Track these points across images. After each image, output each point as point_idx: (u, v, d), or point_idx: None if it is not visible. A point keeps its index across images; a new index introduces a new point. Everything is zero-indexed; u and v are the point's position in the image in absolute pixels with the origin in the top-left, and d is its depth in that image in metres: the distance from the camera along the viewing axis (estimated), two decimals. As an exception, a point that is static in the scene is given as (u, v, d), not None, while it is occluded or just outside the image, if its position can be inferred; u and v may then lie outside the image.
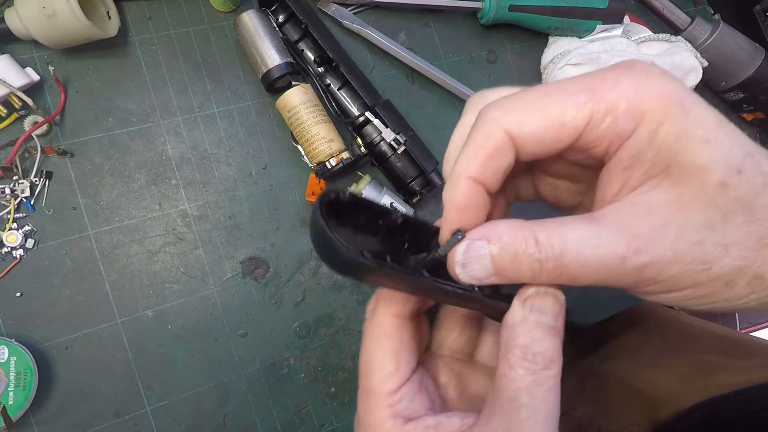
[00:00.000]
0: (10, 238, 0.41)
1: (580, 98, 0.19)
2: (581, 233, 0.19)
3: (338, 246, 0.18)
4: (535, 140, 0.20)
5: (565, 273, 0.19)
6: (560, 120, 0.19)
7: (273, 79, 0.46)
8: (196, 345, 0.45)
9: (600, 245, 0.19)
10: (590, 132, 0.19)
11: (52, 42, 0.42)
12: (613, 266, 0.19)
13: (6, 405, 0.38)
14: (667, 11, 0.60)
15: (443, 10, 0.56)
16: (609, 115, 0.19)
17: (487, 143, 0.20)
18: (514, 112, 0.20)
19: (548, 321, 0.22)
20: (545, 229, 0.19)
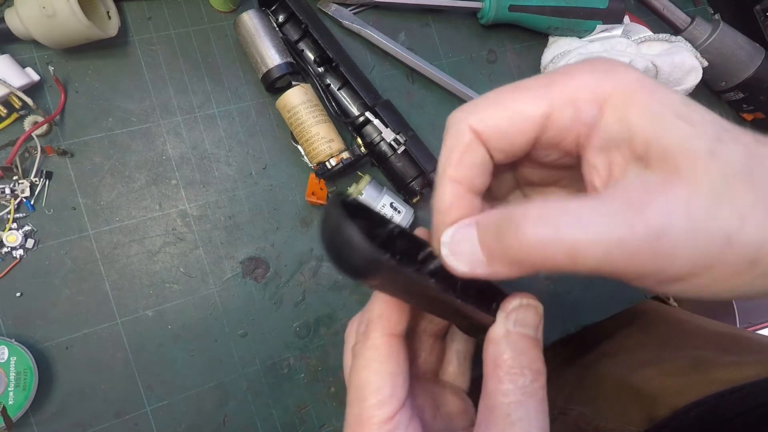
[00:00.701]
0: (10, 238, 0.41)
1: (538, 91, 0.20)
2: (579, 204, 0.18)
3: (358, 241, 0.18)
4: (500, 134, 0.21)
5: (562, 251, 0.17)
6: (520, 112, 0.20)
7: (273, 79, 0.46)
8: (196, 345, 0.45)
9: (605, 214, 0.17)
10: (553, 124, 0.20)
11: (52, 42, 0.42)
12: (623, 238, 0.17)
13: (6, 405, 0.38)
14: (667, 11, 0.60)
15: (443, 10, 0.56)
16: (569, 104, 0.19)
17: (457, 143, 0.21)
18: (477, 111, 0.21)
19: (531, 333, 0.22)
20: (537, 205, 0.18)
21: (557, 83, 0.20)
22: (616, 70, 0.19)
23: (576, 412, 0.47)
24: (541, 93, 0.20)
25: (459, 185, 0.21)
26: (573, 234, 0.17)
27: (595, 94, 0.19)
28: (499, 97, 0.21)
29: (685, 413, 0.38)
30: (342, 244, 0.19)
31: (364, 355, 0.24)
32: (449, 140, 0.22)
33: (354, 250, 0.18)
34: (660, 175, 0.18)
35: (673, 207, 0.17)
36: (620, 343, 0.50)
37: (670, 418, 0.39)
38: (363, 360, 0.24)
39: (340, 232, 0.18)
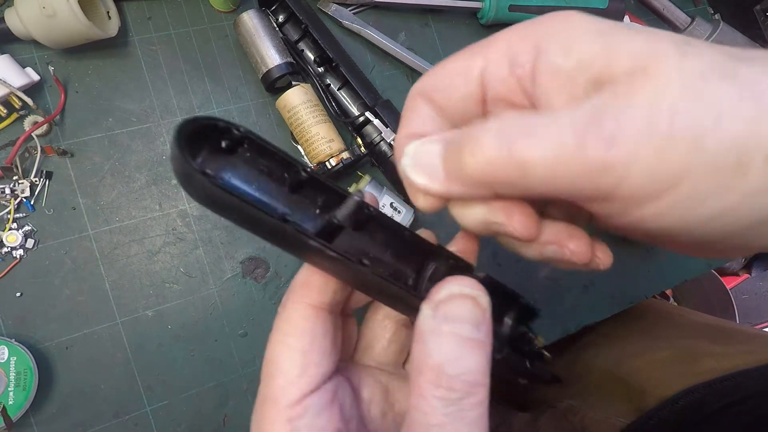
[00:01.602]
0: (10, 238, 0.41)
1: (473, 49, 0.21)
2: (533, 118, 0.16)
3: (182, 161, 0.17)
4: (440, 92, 0.21)
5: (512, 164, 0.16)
6: (454, 69, 0.21)
7: (273, 79, 0.46)
8: (196, 345, 0.45)
9: (556, 126, 0.15)
10: (493, 78, 0.20)
11: (52, 42, 0.42)
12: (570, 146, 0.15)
13: (6, 405, 0.38)
14: (667, 11, 0.60)
15: (443, 10, 0.56)
16: (503, 57, 0.19)
17: (406, 107, 0.22)
18: (422, 78, 0.22)
19: (468, 332, 0.17)
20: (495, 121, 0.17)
21: (493, 39, 0.20)
22: (550, 16, 0.19)
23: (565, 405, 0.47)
24: (476, 50, 0.20)
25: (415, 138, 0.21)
26: (522, 145, 0.15)
27: (527, 38, 0.19)
28: (442, 62, 0.22)
29: (672, 403, 0.38)
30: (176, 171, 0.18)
31: (277, 326, 0.21)
32: (405, 106, 0.22)
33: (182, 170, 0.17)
34: (623, 86, 0.15)
35: (631, 111, 0.14)
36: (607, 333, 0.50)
37: (658, 408, 0.39)
38: (276, 333, 0.21)
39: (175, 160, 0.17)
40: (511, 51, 0.19)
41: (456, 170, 0.17)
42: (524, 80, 0.19)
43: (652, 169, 0.14)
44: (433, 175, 0.18)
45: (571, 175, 0.15)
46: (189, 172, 0.17)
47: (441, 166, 0.18)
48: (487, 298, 0.18)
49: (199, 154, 0.19)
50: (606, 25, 0.17)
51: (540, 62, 0.18)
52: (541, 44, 0.18)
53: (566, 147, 0.15)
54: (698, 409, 0.37)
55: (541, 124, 0.16)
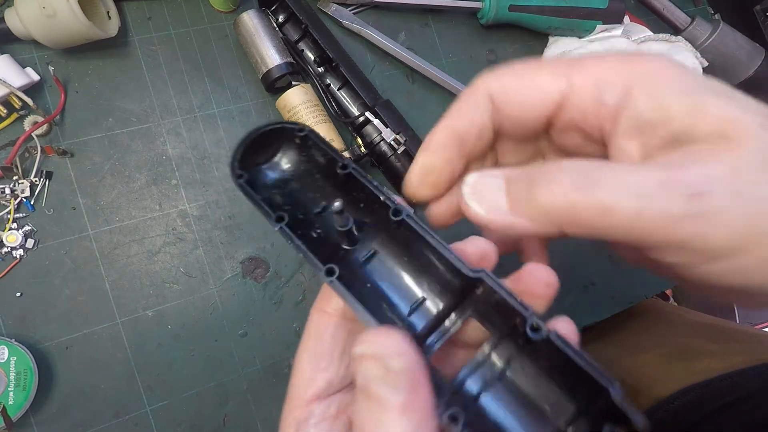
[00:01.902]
0: (10, 238, 0.41)
1: (559, 68, 0.20)
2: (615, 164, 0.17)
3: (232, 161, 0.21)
4: (514, 102, 0.20)
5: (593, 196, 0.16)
6: (537, 85, 0.20)
7: (273, 79, 0.46)
8: (196, 345, 0.45)
9: (641, 173, 0.16)
10: (573, 104, 0.19)
11: (52, 42, 0.42)
12: (657, 190, 0.15)
13: (6, 405, 0.38)
14: (667, 11, 0.60)
15: (443, 10, 0.56)
16: (592, 86, 0.19)
17: (468, 96, 0.21)
18: (497, 77, 0.21)
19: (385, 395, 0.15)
20: (572, 161, 0.17)
21: (581, 65, 0.19)
22: (644, 56, 0.18)
23: None
24: (563, 71, 0.19)
25: (452, 134, 0.21)
26: (606, 189, 0.16)
27: (621, 77, 0.18)
28: (521, 68, 0.21)
29: (668, 403, 0.37)
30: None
31: (306, 327, 0.22)
32: (462, 95, 0.21)
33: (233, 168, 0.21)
34: (705, 146, 0.16)
35: (718, 168, 0.15)
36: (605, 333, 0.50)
37: (653, 408, 0.38)
38: (304, 332, 0.22)
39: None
40: (601, 84, 0.19)
41: (525, 206, 0.18)
42: (605, 118, 0.19)
43: (736, 226, 0.15)
44: (494, 207, 0.19)
45: (653, 224, 0.16)
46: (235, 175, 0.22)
47: (505, 200, 0.18)
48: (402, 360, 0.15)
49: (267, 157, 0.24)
50: (695, 84, 0.17)
51: (627, 106, 0.18)
52: (632, 87, 0.18)
53: (653, 196, 0.15)
54: (695, 409, 0.36)
55: (628, 171, 0.16)
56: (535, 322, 0.17)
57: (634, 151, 0.19)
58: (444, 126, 0.21)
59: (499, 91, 0.21)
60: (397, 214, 0.20)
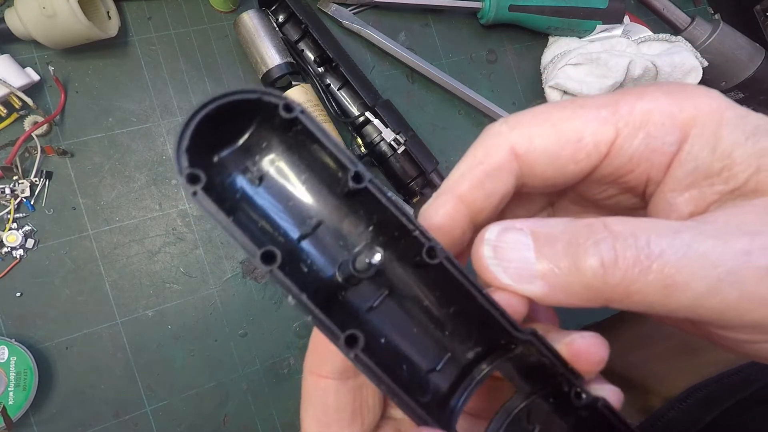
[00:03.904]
0: (10, 238, 0.41)
1: (601, 112, 0.16)
2: (673, 224, 0.14)
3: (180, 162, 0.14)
4: (548, 159, 0.16)
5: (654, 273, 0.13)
6: (578, 135, 0.16)
7: (273, 79, 0.46)
8: (196, 345, 0.45)
9: (706, 238, 0.13)
10: (619, 152, 0.16)
11: (52, 42, 0.42)
12: (734, 266, 0.13)
13: (6, 405, 0.38)
14: (667, 11, 0.60)
15: (443, 10, 0.56)
16: (641, 130, 0.16)
17: (486, 159, 0.17)
18: (523, 126, 0.17)
19: None
20: (618, 218, 0.14)
21: (625, 103, 0.16)
22: (695, 92, 0.16)
23: None
24: (606, 114, 0.16)
25: (464, 209, 0.17)
26: (672, 262, 0.13)
27: (673, 118, 0.15)
28: (554, 114, 0.17)
29: (680, 402, 0.37)
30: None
31: (302, 390, 0.19)
32: (478, 151, 0.17)
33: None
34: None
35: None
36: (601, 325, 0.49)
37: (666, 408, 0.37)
38: (302, 396, 0.19)
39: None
40: (653, 128, 0.16)
41: (564, 277, 0.14)
42: (655, 167, 0.16)
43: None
44: (522, 274, 0.15)
45: (729, 304, 0.13)
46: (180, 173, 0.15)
47: (536, 265, 0.15)
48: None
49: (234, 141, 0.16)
50: (757, 125, 0.15)
51: (681, 153, 0.15)
52: (689, 130, 0.15)
53: (731, 272, 0.13)
54: (709, 406, 0.35)
55: (697, 238, 0.13)
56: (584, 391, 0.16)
57: (684, 207, 0.16)
58: (454, 196, 0.17)
59: (528, 147, 0.16)
60: (432, 255, 0.15)
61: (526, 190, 0.18)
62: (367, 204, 0.16)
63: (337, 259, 0.17)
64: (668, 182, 0.16)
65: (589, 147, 0.16)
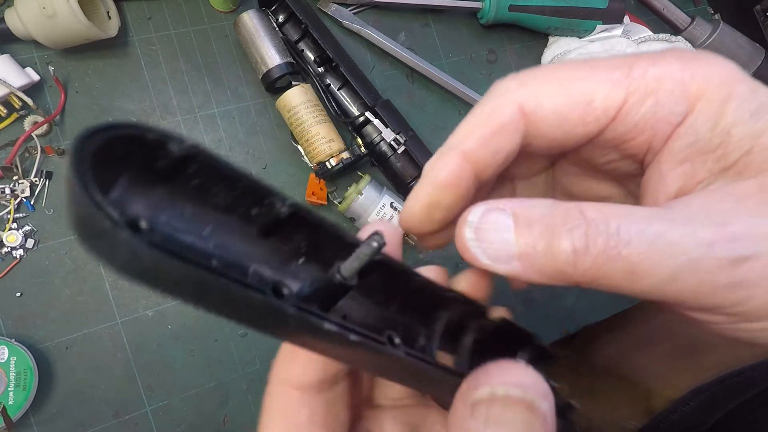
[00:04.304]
0: (10, 238, 0.41)
1: (614, 74, 0.16)
2: (647, 212, 0.14)
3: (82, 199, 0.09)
4: (556, 120, 0.16)
5: (621, 261, 0.13)
6: (588, 97, 0.16)
7: (273, 79, 0.46)
8: (196, 345, 0.45)
9: (675, 227, 0.13)
10: (626, 117, 0.16)
11: (52, 42, 0.42)
12: (696, 255, 0.13)
13: (6, 405, 0.38)
14: (667, 11, 0.60)
15: (443, 10, 0.56)
16: (650, 96, 0.15)
17: (494, 116, 0.16)
18: (533, 84, 0.16)
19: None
20: (595, 204, 0.14)
21: (638, 66, 0.15)
22: (709, 59, 0.15)
23: None
24: (619, 76, 0.15)
25: (469, 167, 0.17)
26: (638, 250, 0.13)
27: (684, 86, 0.15)
28: (565, 73, 0.16)
29: (683, 404, 0.37)
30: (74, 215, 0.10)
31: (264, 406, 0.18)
32: (486, 108, 0.17)
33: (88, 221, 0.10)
34: (753, 186, 0.14)
35: (761, 228, 0.13)
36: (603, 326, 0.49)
37: (669, 411, 0.38)
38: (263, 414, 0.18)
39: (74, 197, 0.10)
40: (662, 93, 0.15)
41: (538, 260, 0.14)
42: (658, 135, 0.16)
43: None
44: (500, 254, 0.15)
45: (688, 290, 0.13)
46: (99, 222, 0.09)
47: (514, 246, 0.15)
48: (548, 402, 0.14)
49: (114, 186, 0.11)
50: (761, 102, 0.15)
51: (685, 123, 0.15)
52: (696, 101, 0.15)
53: (693, 261, 0.13)
54: (710, 409, 0.36)
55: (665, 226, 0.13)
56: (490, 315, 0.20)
57: (673, 182, 0.16)
58: (459, 153, 0.17)
59: (536, 105, 0.16)
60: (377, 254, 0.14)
61: (530, 150, 0.18)
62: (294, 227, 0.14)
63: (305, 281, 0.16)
64: (665, 154, 0.16)
65: (598, 111, 0.16)
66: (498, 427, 0.14)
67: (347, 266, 0.14)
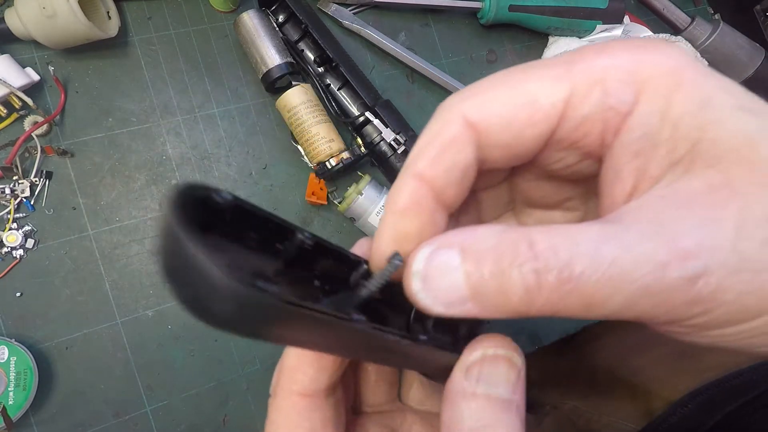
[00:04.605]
0: (10, 238, 0.41)
1: (556, 70, 0.15)
2: (596, 234, 0.13)
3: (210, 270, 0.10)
4: (503, 124, 0.15)
5: (575, 293, 0.13)
6: (531, 97, 0.15)
7: (273, 79, 0.46)
8: (196, 345, 0.45)
9: (628, 248, 0.13)
10: (574, 111, 0.15)
11: (52, 42, 0.42)
12: (651, 280, 0.13)
13: (6, 405, 0.38)
14: (667, 11, 0.60)
15: (443, 10, 0.56)
16: (596, 85, 0.15)
17: (441, 132, 0.16)
18: (476, 94, 0.16)
19: (503, 394, 0.16)
20: (544, 231, 0.14)
21: (582, 60, 0.15)
22: (658, 47, 0.15)
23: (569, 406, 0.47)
24: (561, 72, 0.15)
25: (426, 187, 0.16)
26: (592, 280, 0.13)
27: (630, 74, 0.14)
28: (506, 78, 0.16)
29: (682, 406, 0.37)
30: (183, 276, 0.11)
31: (270, 417, 0.18)
32: (432, 127, 0.16)
33: (207, 285, 0.10)
34: (701, 185, 0.13)
35: (717, 235, 0.13)
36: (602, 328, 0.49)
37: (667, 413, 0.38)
38: (270, 425, 0.18)
39: (177, 254, 0.10)
40: (609, 84, 0.15)
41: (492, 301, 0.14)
42: (610, 127, 0.15)
43: (741, 301, 0.13)
44: (453, 300, 0.14)
45: (646, 312, 0.13)
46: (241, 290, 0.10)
47: (465, 289, 0.14)
48: (521, 358, 0.17)
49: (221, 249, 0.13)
50: (714, 91, 0.14)
51: (633, 114, 0.15)
52: (644, 87, 0.14)
53: (649, 286, 0.13)
54: (708, 411, 0.35)
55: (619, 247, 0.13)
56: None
57: (628, 179, 0.15)
58: (413, 176, 0.16)
59: (481, 114, 0.16)
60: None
61: (489, 166, 0.17)
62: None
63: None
64: (617, 147, 0.15)
65: (545, 107, 0.15)
66: (486, 383, 0.16)
67: (375, 283, 0.16)
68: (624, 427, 0.40)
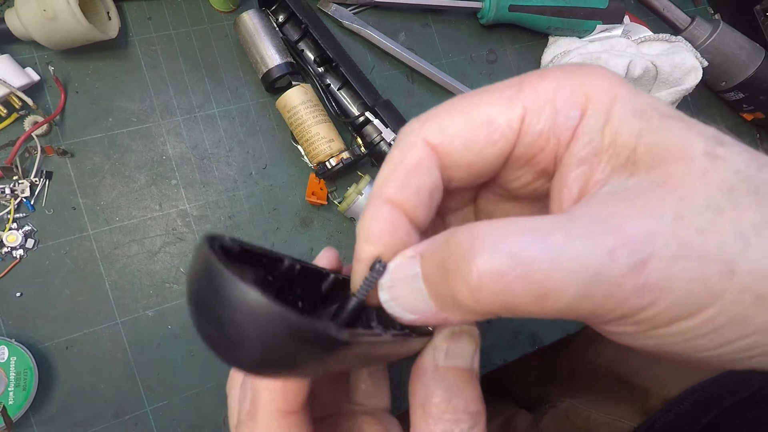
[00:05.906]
0: (10, 238, 0.41)
1: (508, 92, 0.16)
2: (546, 223, 0.14)
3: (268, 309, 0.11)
4: (464, 145, 0.16)
5: (522, 283, 0.13)
6: (488, 118, 0.16)
7: (273, 79, 0.46)
8: (196, 345, 0.45)
9: (576, 237, 0.13)
10: (529, 129, 0.16)
11: (52, 43, 0.42)
12: (600, 267, 0.13)
13: (6, 405, 0.38)
14: (667, 11, 0.60)
15: (443, 10, 0.56)
16: (547, 105, 0.16)
17: (405, 158, 0.17)
18: (435, 119, 0.17)
19: (465, 364, 0.18)
20: (490, 224, 0.14)
21: (529, 83, 0.16)
22: (594, 70, 0.16)
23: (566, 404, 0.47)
24: (513, 94, 0.16)
25: (397, 211, 0.17)
26: (542, 270, 0.13)
27: (574, 93, 0.16)
28: (462, 102, 0.17)
29: (678, 404, 0.37)
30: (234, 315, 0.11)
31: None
32: (395, 153, 0.17)
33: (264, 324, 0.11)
34: (644, 183, 0.14)
35: (658, 222, 0.13)
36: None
37: (663, 411, 0.38)
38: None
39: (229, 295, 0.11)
40: (558, 102, 0.16)
41: (450, 302, 0.14)
42: (561, 143, 0.16)
43: (686, 289, 0.13)
44: (420, 308, 0.15)
45: (598, 304, 0.13)
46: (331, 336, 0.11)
47: (428, 296, 0.15)
48: (478, 332, 0.19)
49: None
50: (645, 104, 0.15)
51: (580, 127, 0.16)
52: (588, 101, 0.16)
53: (599, 275, 0.13)
54: (704, 409, 0.36)
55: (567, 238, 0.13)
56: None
57: (574, 185, 0.16)
58: (384, 201, 0.17)
59: (442, 137, 0.17)
60: None
61: (455, 185, 0.18)
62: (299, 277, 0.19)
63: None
64: (566, 158, 0.16)
65: (502, 127, 0.16)
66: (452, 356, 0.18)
67: (362, 291, 0.17)
68: (621, 424, 0.41)
